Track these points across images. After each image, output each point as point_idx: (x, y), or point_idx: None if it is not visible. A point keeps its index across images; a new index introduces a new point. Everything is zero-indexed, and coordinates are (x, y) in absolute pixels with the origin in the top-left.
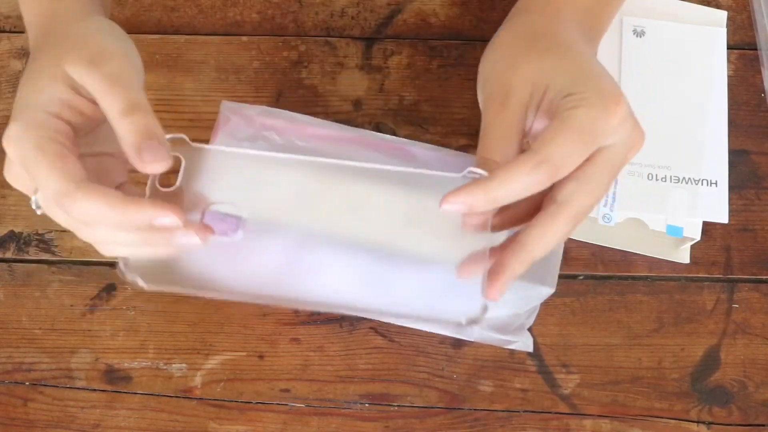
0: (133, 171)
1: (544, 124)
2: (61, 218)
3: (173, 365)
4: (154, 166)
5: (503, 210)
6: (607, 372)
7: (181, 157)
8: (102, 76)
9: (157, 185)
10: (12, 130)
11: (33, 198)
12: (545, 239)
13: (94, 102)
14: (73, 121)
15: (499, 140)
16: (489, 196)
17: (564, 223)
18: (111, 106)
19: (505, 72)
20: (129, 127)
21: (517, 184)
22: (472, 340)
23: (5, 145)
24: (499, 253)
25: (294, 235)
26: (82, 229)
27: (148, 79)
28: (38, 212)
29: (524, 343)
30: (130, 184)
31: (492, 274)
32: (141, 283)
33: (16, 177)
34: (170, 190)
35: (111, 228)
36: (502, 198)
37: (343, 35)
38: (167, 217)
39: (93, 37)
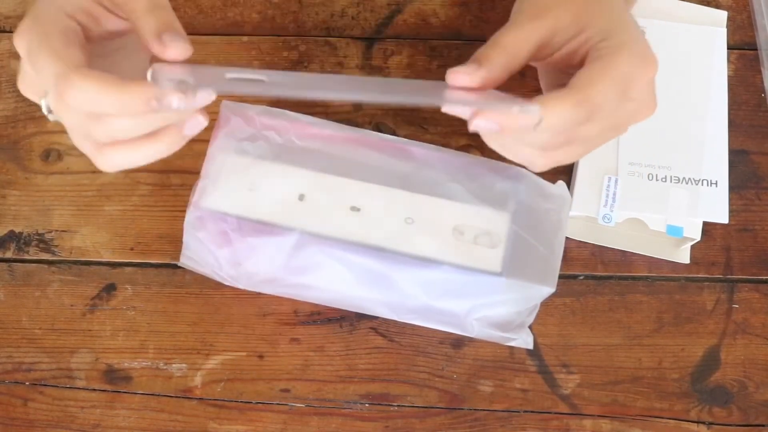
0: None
1: (569, 59)
2: (70, 119)
3: (173, 365)
4: (173, 50)
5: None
6: (607, 372)
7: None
8: None
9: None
10: (23, 24)
11: (43, 102)
12: (551, 109)
13: (112, 13)
14: (88, 26)
15: (522, 38)
16: (525, 119)
17: (569, 156)
18: (134, 7)
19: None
20: (152, 20)
21: (556, 117)
22: (473, 336)
23: (15, 41)
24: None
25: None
26: (91, 131)
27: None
28: (50, 118)
29: (524, 340)
30: None
31: (487, 110)
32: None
33: (27, 83)
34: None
35: (113, 117)
36: (539, 126)
37: (343, 35)
38: (170, 95)
39: None
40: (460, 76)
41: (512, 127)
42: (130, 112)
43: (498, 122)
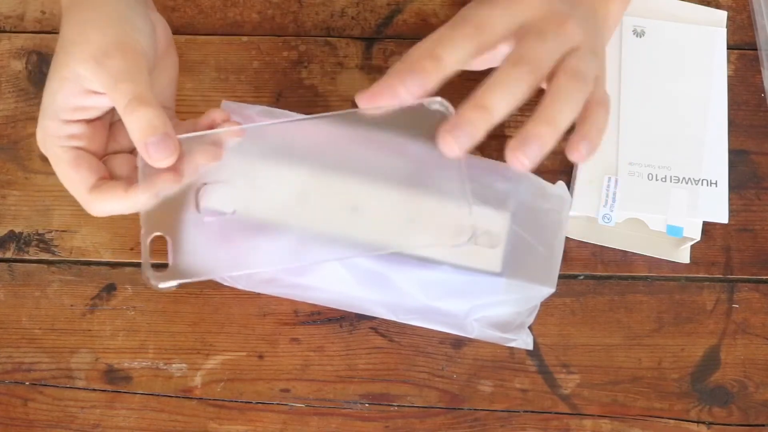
0: None
1: None
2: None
3: (173, 365)
4: (161, 162)
5: None
6: (607, 372)
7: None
8: (106, 73)
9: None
10: (38, 138)
11: None
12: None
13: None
14: (91, 115)
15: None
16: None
17: (508, 65)
18: (116, 102)
19: None
20: (133, 123)
21: (506, 87)
22: (473, 337)
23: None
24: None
25: (291, 235)
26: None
27: None
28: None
29: (524, 340)
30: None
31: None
32: (168, 284)
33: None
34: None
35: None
36: (498, 107)
37: (343, 35)
38: (167, 185)
39: (103, 28)
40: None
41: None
42: (139, 208)
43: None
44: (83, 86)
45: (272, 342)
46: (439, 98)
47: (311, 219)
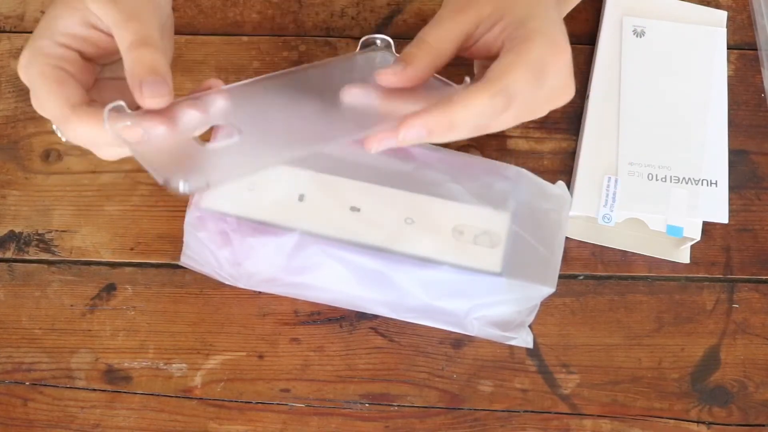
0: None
1: (489, 49)
2: (77, 142)
3: (173, 365)
4: (152, 101)
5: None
6: (607, 372)
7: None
8: (118, 9)
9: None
10: (22, 58)
11: (54, 126)
12: (470, 104)
13: (111, 35)
14: (86, 51)
15: (446, 34)
16: (448, 119)
17: (488, 98)
18: (122, 38)
19: None
20: (135, 60)
21: (477, 109)
22: (473, 335)
23: (19, 74)
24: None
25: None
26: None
27: None
28: (63, 139)
29: (524, 339)
30: None
31: (411, 116)
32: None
33: (37, 107)
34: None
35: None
36: (461, 122)
37: (343, 35)
38: (155, 127)
39: None
40: (388, 76)
41: (437, 127)
42: (118, 143)
43: (423, 125)
44: (88, 19)
45: (272, 342)
46: (380, 36)
47: (311, 219)
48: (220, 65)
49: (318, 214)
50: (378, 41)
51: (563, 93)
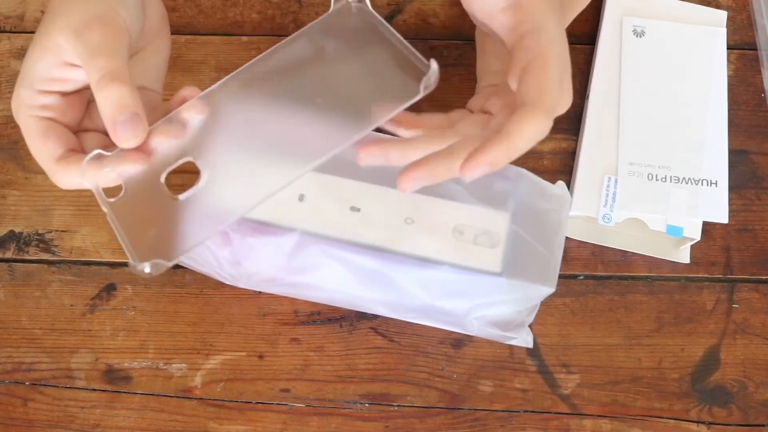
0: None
1: (497, 24)
2: None
3: (173, 365)
4: (128, 142)
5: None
6: (607, 372)
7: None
8: (82, 44)
9: (106, 198)
10: (12, 105)
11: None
12: (526, 132)
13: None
14: (66, 89)
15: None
16: (509, 151)
17: (541, 121)
18: (90, 76)
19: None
20: (104, 100)
21: (533, 135)
22: (473, 334)
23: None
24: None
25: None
26: None
27: None
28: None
29: (524, 339)
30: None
31: (473, 155)
32: (150, 265)
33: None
34: (116, 199)
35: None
36: (520, 150)
37: None
38: (130, 167)
39: (86, 1)
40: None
41: (500, 160)
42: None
43: (489, 162)
44: (62, 58)
45: (272, 342)
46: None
47: (311, 219)
48: (220, 65)
49: (318, 214)
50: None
51: (568, 100)
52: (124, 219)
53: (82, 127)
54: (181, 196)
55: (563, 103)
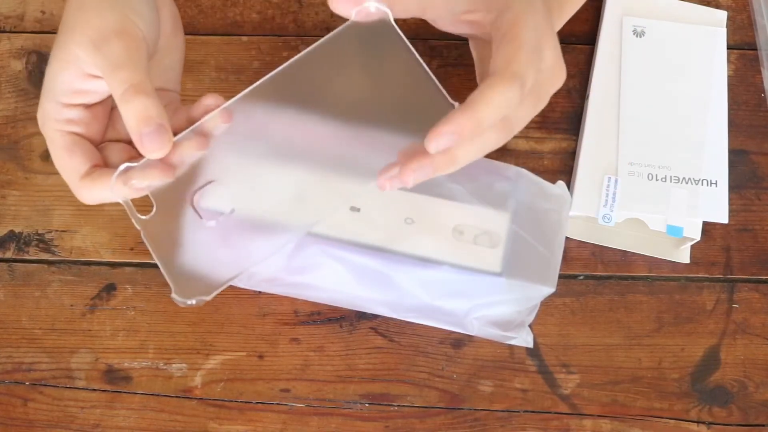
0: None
1: (472, 24)
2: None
3: (173, 365)
4: (154, 153)
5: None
6: (607, 372)
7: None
8: (103, 57)
9: (137, 215)
10: (38, 118)
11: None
12: (489, 98)
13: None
14: (90, 100)
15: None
16: (475, 119)
17: (505, 87)
18: (113, 89)
19: None
20: (128, 113)
21: (497, 101)
22: (473, 334)
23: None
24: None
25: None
26: None
27: None
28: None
29: (524, 338)
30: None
31: (435, 126)
32: (197, 300)
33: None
34: (148, 217)
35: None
36: (486, 119)
37: None
38: (152, 181)
39: (102, 12)
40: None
41: (465, 130)
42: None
43: (453, 131)
44: (83, 69)
45: (272, 342)
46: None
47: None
48: (220, 65)
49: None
50: (372, 8)
51: (559, 72)
52: (156, 238)
53: (106, 137)
54: (211, 222)
55: (550, 76)
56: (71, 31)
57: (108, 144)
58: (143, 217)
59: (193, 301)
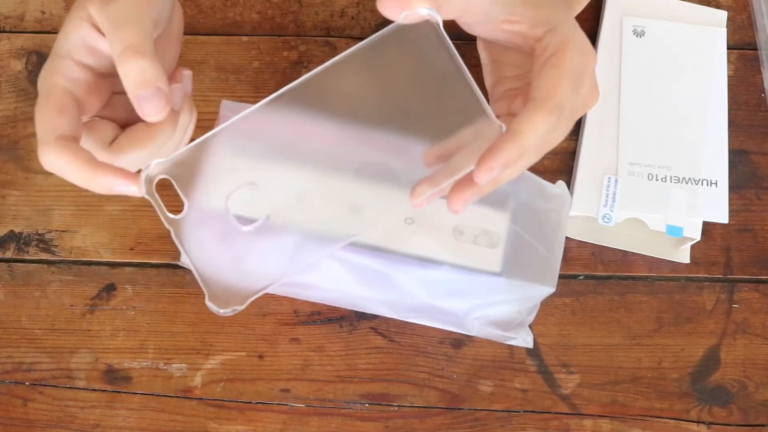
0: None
1: (510, 38)
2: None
3: (173, 365)
4: (153, 116)
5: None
6: (607, 372)
7: (171, 179)
8: (107, 16)
9: (167, 213)
10: (41, 74)
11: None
12: (513, 174)
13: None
14: (100, 65)
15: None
16: (519, 148)
17: (546, 116)
18: (112, 48)
19: None
20: (127, 74)
21: (540, 130)
22: (473, 334)
23: (38, 79)
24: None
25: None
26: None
27: None
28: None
29: (524, 339)
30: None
31: (484, 157)
32: (234, 309)
33: (35, 112)
34: (179, 217)
35: (76, 182)
36: (530, 147)
37: (343, 35)
38: (127, 187)
39: None
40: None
41: (512, 158)
42: (91, 188)
43: (501, 163)
44: (96, 26)
45: (272, 342)
46: (425, 7)
47: (311, 218)
48: (219, 65)
49: (318, 213)
50: (423, 12)
51: (594, 95)
52: (187, 240)
53: (100, 114)
54: (246, 228)
55: (585, 101)
56: None
57: (98, 120)
58: (174, 217)
59: (229, 311)
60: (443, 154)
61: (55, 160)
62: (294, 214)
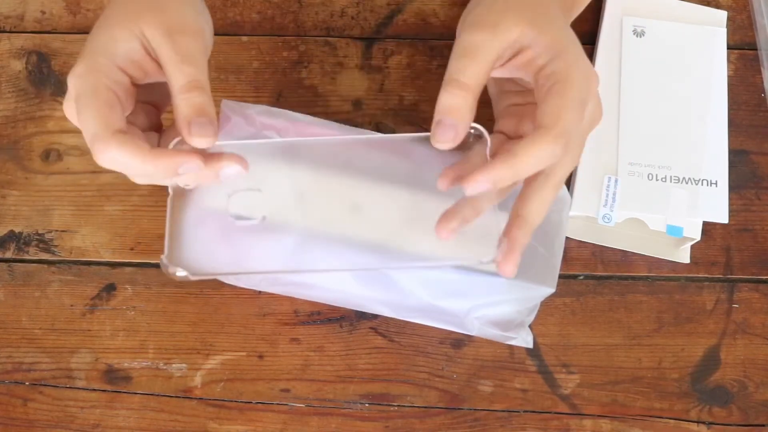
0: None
1: (513, 72)
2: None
3: (173, 365)
4: (200, 140)
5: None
6: (607, 372)
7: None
8: (174, 50)
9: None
10: (78, 68)
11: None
12: (541, 207)
13: (159, 64)
14: (137, 77)
15: (480, 69)
16: (513, 171)
17: (552, 190)
18: (176, 80)
19: (497, 11)
20: (185, 102)
21: (539, 157)
22: (473, 334)
23: (69, 78)
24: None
25: (297, 234)
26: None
27: None
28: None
29: (524, 339)
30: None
31: (506, 253)
32: (183, 273)
33: (71, 112)
34: (184, 187)
35: (136, 174)
36: (523, 172)
37: (343, 35)
38: (192, 162)
39: (181, 5)
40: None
41: (503, 179)
42: (154, 178)
43: (489, 179)
44: (145, 47)
45: (272, 342)
46: (474, 126)
47: (311, 218)
48: (220, 65)
49: (318, 213)
50: (471, 130)
51: (599, 114)
52: (179, 208)
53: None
54: (240, 221)
55: (591, 119)
56: (143, 8)
57: (131, 125)
58: (183, 186)
59: (177, 271)
60: (458, 176)
61: (117, 154)
62: (293, 214)
